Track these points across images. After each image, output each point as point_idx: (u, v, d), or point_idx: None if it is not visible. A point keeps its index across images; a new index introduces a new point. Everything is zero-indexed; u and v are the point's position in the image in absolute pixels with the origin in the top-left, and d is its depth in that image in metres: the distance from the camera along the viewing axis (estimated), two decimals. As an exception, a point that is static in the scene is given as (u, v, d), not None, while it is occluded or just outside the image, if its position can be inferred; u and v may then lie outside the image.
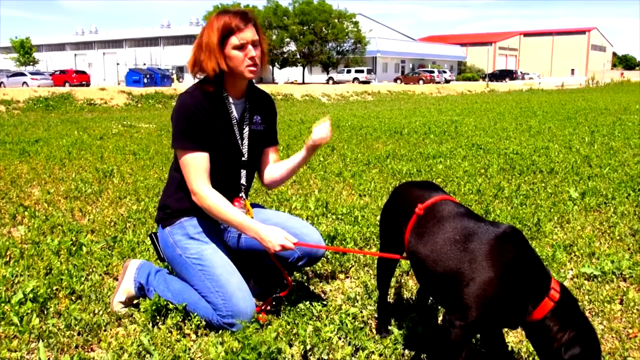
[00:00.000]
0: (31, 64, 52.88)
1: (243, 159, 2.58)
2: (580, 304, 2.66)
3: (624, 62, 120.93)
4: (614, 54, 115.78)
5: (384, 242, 2.35)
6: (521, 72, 66.60)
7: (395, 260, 2.30)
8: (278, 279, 2.74)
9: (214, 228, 2.57)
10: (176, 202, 2.54)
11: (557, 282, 1.82)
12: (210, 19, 2.42)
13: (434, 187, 2.21)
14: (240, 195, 2.61)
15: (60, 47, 77.44)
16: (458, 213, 1.98)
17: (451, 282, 1.83)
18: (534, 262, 1.82)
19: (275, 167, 2.71)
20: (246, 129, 2.57)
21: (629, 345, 2.28)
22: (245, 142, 2.57)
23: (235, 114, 2.53)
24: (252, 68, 2.42)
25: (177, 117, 2.42)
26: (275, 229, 2.37)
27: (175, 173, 2.56)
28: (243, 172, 2.60)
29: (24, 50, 52.48)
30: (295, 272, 2.97)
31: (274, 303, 2.59)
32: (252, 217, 2.59)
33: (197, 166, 2.41)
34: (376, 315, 2.50)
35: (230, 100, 2.52)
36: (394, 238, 2.21)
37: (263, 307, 2.54)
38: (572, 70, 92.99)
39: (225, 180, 2.55)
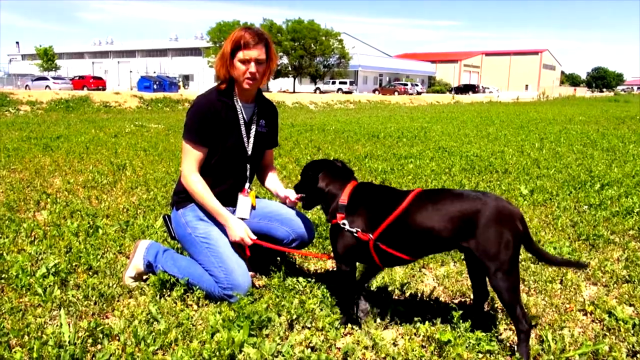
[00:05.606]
0: (53, 69, 51.92)
1: (248, 154, 2.61)
2: (526, 283, 2.74)
3: (571, 80, 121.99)
4: (562, 73, 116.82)
5: None
6: (482, 87, 67.03)
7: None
8: (266, 258, 2.78)
9: None
10: None
11: None
12: (233, 31, 2.46)
13: None
14: (247, 185, 2.64)
15: (80, 55, 76.36)
16: None
17: None
18: None
19: (270, 178, 2.75)
20: (253, 129, 2.60)
21: (565, 317, 2.34)
22: (251, 140, 2.60)
23: (243, 115, 2.55)
24: (250, 81, 2.45)
25: (190, 114, 2.48)
26: (241, 224, 2.45)
27: None
28: (248, 166, 2.64)
29: (47, 57, 51.56)
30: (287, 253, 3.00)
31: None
32: (255, 205, 2.63)
33: (193, 156, 2.47)
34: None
35: (241, 104, 2.55)
36: None
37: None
38: (527, 85, 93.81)
39: (234, 172, 2.59)
